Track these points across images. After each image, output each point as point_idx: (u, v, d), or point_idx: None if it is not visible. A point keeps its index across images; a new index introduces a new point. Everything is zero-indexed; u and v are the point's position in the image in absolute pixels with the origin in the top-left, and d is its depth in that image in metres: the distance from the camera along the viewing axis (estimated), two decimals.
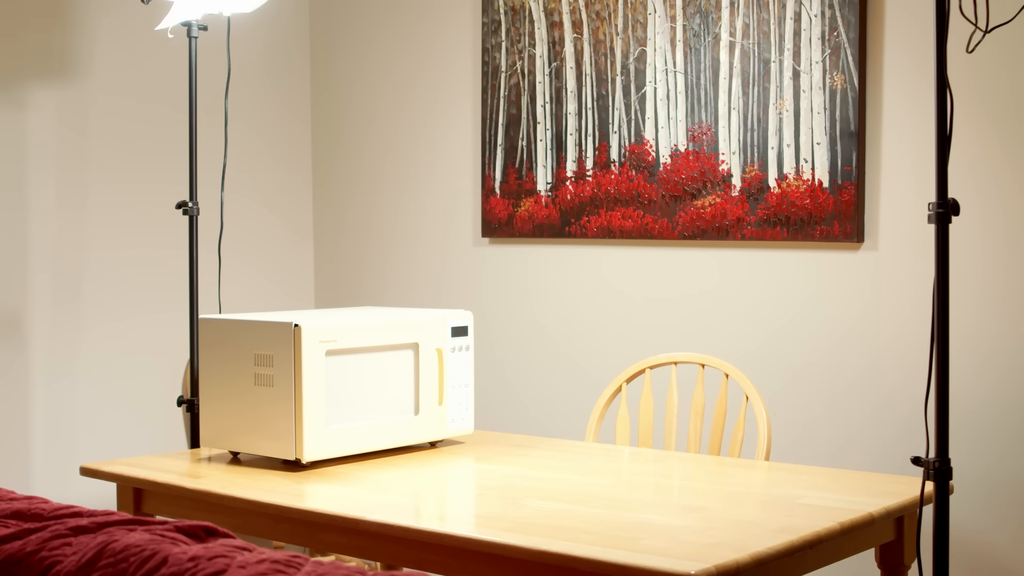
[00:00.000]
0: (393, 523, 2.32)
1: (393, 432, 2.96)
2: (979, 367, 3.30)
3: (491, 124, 4.16)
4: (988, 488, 3.30)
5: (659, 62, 3.79)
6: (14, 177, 3.87)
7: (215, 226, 4.08)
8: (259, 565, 1.33)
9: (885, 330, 3.46)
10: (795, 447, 3.57)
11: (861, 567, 3.00)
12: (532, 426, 4.07)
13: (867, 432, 3.48)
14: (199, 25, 3.54)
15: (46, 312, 3.94)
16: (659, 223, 3.80)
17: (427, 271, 4.40)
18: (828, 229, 3.49)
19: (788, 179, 3.55)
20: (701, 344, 3.72)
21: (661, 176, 3.79)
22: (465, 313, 3.11)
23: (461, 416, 3.09)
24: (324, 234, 4.71)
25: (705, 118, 3.70)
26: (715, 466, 2.95)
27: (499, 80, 4.13)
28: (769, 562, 2.09)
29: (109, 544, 1.41)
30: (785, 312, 3.63)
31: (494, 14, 4.14)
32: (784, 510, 2.41)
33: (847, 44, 3.44)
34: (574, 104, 3.97)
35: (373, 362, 2.93)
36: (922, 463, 2.21)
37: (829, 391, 3.56)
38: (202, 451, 3.04)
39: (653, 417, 3.34)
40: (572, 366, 4.04)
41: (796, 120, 3.53)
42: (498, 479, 2.73)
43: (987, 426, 3.30)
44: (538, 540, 2.16)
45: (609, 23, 3.90)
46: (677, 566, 1.98)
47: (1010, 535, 3.29)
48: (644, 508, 2.47)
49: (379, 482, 2.69)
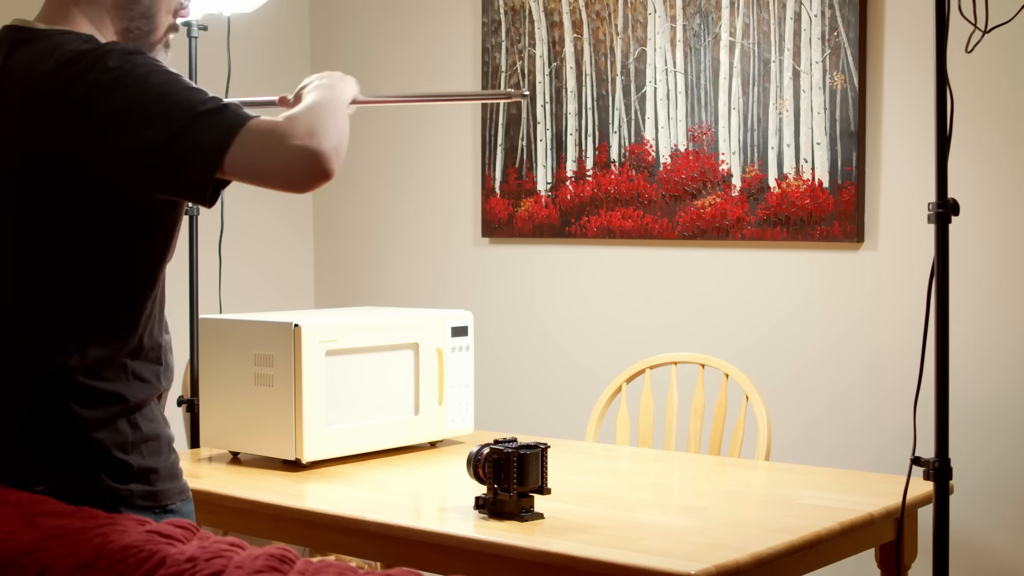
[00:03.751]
0: (393, 523, 2.32)
1: (393, 432, 2.96)
2: (978, 367, 3.29)
3: (491, 124, 4.16)
4: (987, 488, 3.30)
5: (659, 62, 3.79)
6: None
7: (215, 226, 4.07)
8: (255, 562, 1.32)
9: (885, 330, 3.46)
10: (795, 447, 3.57)
11: (861, 567, 3.00)
12: (532, 426, 4.06)
13: (867, 432, 3.48)
14: (199, 25, 3.54)
15: None
16: (659, 223, 3.80)
17: (427, 271, 4.40)
18: (828, 229, 3.49)
19: (788, 179, 3.55)
20: (701, 344, 3.72)
21: (661, 176, 3.79)
22: (465, 313, 3.11)
23: (461, 416, 3.09)
24: (324, 234, 4.70)
25: (705, 118, 3.70)
26: (715, 466, 2.95)
27: (499, 80, 4.13)
28: (769, 562, 2.09)
29: (106, 545, 1.41)
30: (785, 312, 3.63)
31: (494, 14, 4.14)
32: (784, 510, 2.41)
33: (847, 44, 3.44)
34: (574, 104, 3.97)
35: (373, 362, 2.92)
36: (923, 463, 2.20)
37: (829, 391, 3.55)
38: (202, 451, 3.04)
39: (653, 417, 3.34)
40: (572, 366, 4.04)
41: (796, 120, 3.53)
42: None
43: (986, 426, 3.29)
44: (538, 540, 2.16)
45: (609, 23, 3.89)
46: (677, 566, 1.98)
47: (1010, 535, 3.28)
48: (644, 508, 2.47)
49: (379, 482, 2.69)
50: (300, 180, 1.67)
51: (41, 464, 1.72)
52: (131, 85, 1.66)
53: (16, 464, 1.73)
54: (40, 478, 1.71)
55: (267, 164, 1.66)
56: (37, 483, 1.71)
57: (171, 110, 1.65)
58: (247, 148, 1.64)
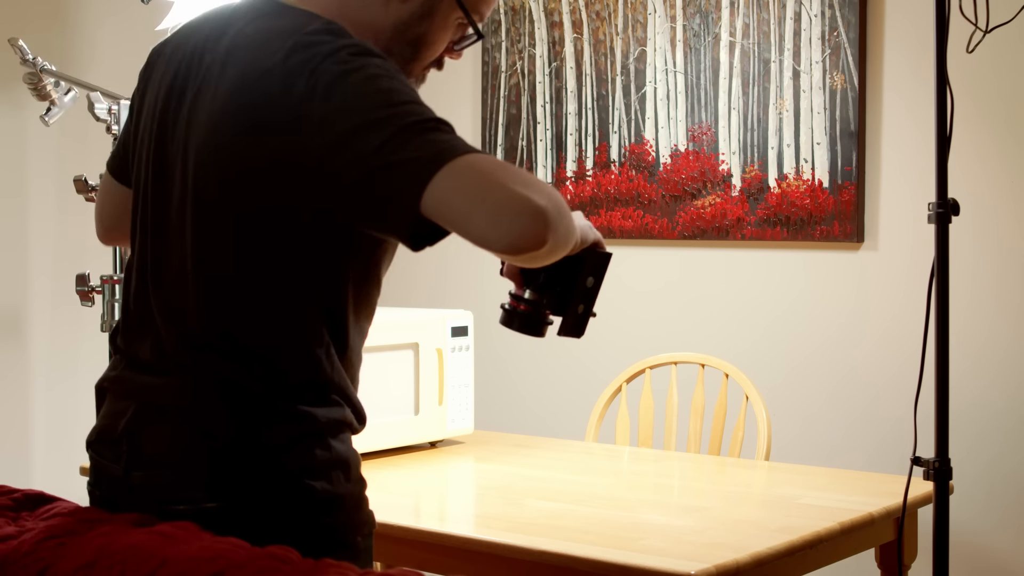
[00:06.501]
0: (393, 523, 2.32)
1: (393, 432, 2.96)
2: (976, 367, 3.29)
3: (491, 124, 4.16)
4: (986, 488, 3.30)
5: (659, 62, 3.79)
6: (15, 177, 3.87)
7: None
8: (256, 562, 1.32)
9: (884, 330, 3.46)
10: (794, 446, 3.57)
11: (861, 567, 3.00)
12: (532, 426, 4.06)
13: (866, 431, 3.48)
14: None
15: (46, 312, 3.94)
16: (659, 223, 3.80)
17: (427, 271, 4.40)
18: (828, 229, 3.49)
19: (788, 179, 3.55)
20: (701, 344, 3.72)
21: (661, 176, 3.79)
22: (465, 313, 3.11)
23: (461, 416, 3.09)
24: None
25: (705, 118, 3.70)
26: (715, 466, 2.95)
27: (499, 80, 4.13)
28: (769, 562, 2.09)
29: (107, 545, 1.40)
30: (785, 312, 3.63)
31: (494, 14, 4.14)
32: (784, 510, 2.41)
33: (847, 44, 3.44)
34: (574, 104, 3.97)
35: (373, 362, 2.92)
36: (923, 463, 2.20)
37: (829, 390, 3.55)
38: None
39: (653, 417, 3.34)
40: (572, 366, 4.04)
41: (796, 120, 3.53)
42: (498, 479, 2.72)
43: (984, 426, 3.29)
44: (538, 540, 2.16)
45: (609, 23, 3.89)
46: (677, 566, 1.98)
47: (1009, 534, 3.28)
48: (644, 508, 2.47)
49: (379, 482, 2.69)
50: (508, 233, 1.36)
51: (215, 480, 1.54)
52: (357, 83, 1.45)
53: (189, 475, 1.55)
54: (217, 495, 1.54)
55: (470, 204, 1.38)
56: (204, 500, 1.54)
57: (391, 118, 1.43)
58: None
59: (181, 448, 1.56)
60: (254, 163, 1.51)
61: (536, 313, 1.75)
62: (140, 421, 1.60)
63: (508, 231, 1.36)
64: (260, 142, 1.50)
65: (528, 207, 1.36)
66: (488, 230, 1.36)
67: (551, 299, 1.76)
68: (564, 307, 1.75)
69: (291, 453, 1.55)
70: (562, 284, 1.75)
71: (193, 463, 1.54)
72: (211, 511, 1.52)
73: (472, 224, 1.37)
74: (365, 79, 1.44)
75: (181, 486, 1.55)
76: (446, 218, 1.38)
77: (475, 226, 1.37)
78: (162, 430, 1.57)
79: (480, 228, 1.37)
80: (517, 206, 1.36)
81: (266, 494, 1.54)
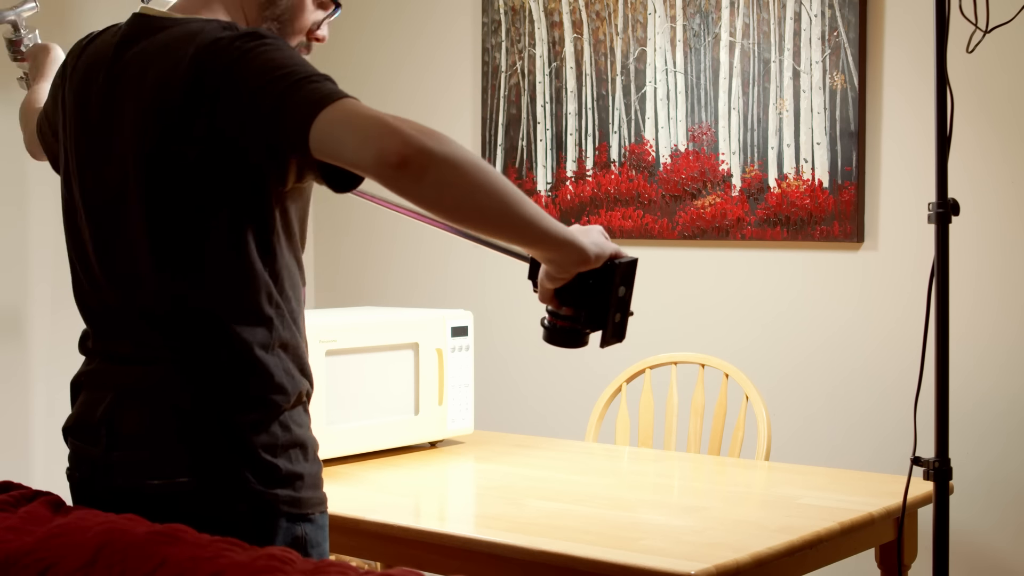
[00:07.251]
0: (393, 523, 2.32)
1: (393, 432, 2.96)
2: (976, 367, 3.30)
3: (491, 124, 4.16)
4: (986, 488, 3.30)
5: (659, 62, 3.79)
6: (14, 177, 3.87)
7: None
8: (256, 562, 1.33)
9: (884, 330, 3.46)
10: (794, 446, 3.57)
11: (861, 567, 3.00)
12: (532, 426, 4.06)
13: (866, 431, 3.48)
14: None
15: (46, 312, 3.94)
16: (659, 223, 3.80)
17: (428, 271, 4.40)
18: (828, 229, 3.49)
19: (788, 179, 3.55)
20: (701, 344, 3.72)
21: (661, 176, 3.79)
22: (465, 313, 3.11)
23: (461, 416, 3.09)
24: (324, 233, 4.70)
25: (705, 118, 3.70)
26: (715, 466, 2.95)
27: (499, 80, 4.13)
28: (769, 562, 2.09)
29: (108, 544, 1.41)
30: (784, 312, 3.63)
31: (494, 14, 4.14)
32: (784, 510, 2.41)
33: (847, 44, 3.44)
34: (574, 104, 3.97)
35: (373, 362, 2.93)
36: (923, 463, 2.20)
37: (828, 390, 3.55)
38: None
39: (653, 417, 3.34)
40: (572, 365, 4.04)
41: (796, 120, 3.53)
42: (498, 479, 2.73)
43: (985, 426, 3.30)
44: (538, 540, 2.16)
45: (609, 23, 3.90)
46: (677, 566, 1.98)
47: (1009, 535, 3.28)
48: (644, 508, 2.47)
49: (379, 482, 2.69)
50: (376, 155, 1.56)
51: (187, 456, 1.68)
52: (262, 55, 1.65)
53: (164, 453, 1.70)
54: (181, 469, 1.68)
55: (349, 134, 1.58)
56: (178, 475, 1.68)
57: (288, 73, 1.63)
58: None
59: (156, 426, 1.70)
60: (187, 158, 1.68)
61: (574, 327, 1.84)
62: (117, 407, 1.75)
63: (372, 150, 1.54)
64: (184, 128, 1.67)
65: (386, 127, 1.55)
66: (358, 151, 1.56)
67: (588, 315, 1.83)
68: (601, 320, 1.80)
69: (257, 431, 1.69)
70: (595, 298, 1.80)
71: (166, 439, 1.70)
72: (183, 485, 1.67)
73: (347, 148, 1.56)
74: (262, 55, 1.64)
75: (157, 463, 1.70)
76: (330, 149, 1.57)
77: (348, 149, 1.56)
78: (140, 412, 1.72)
79: (352, 150, 1.56)
80: (377, 128, 1.55)
81: (233, 469, 1.68)
